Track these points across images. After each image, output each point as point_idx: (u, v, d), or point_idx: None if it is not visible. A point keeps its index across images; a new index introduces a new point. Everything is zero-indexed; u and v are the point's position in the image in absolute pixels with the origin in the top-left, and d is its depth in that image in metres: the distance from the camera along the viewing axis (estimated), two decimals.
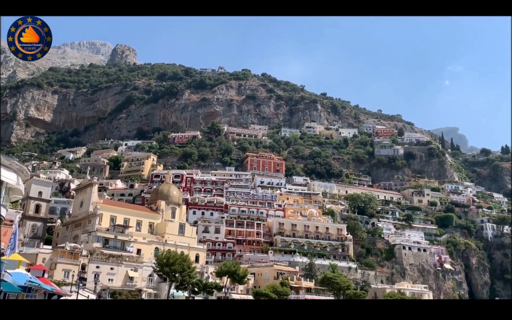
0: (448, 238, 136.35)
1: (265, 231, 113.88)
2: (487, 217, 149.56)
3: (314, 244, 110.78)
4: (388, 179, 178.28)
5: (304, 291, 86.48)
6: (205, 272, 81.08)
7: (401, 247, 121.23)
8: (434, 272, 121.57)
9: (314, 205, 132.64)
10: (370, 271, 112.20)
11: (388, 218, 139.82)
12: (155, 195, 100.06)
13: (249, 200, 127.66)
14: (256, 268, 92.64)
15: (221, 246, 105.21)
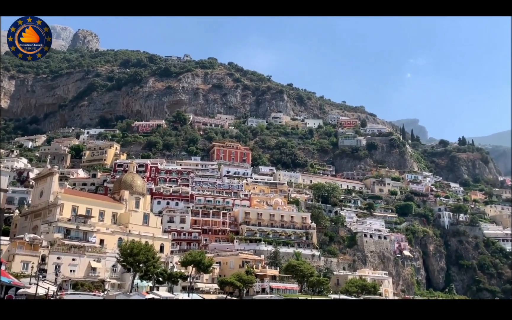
0: (408, 226, 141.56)
1: (231, 221, 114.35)
2: (444, 205, 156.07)
3: (279, 233, 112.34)
4: (351, 168, 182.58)
5: (269, 278, 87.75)
6: (170, 262, 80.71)
7: (363, 235, 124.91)
8: (394, 259, 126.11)
9: (279, 194, 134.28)
10: (333, 258, 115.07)
11: (350, 207, 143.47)
12: (118, 184, 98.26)
13: (215, 190, 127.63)
14: (221, 257, 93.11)
15: (186, 235, 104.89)
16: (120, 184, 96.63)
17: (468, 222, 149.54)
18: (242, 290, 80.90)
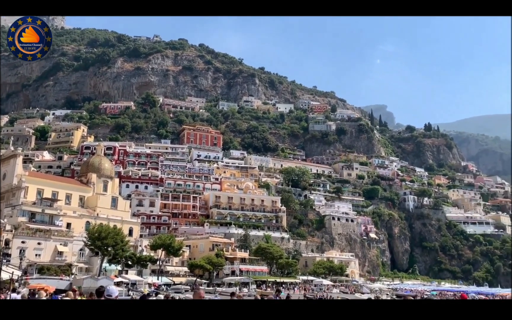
0: (374, 209, 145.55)
1: (201, 204, 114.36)
2: (409, 189, 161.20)
3: (250, 216, 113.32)
4: (321, 153, 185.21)
5: (239, 261, 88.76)
6: (139, 246, 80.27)
7: (331, 218, 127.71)
8: (360, 241, 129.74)
9: (250, 178, 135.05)
10: (301, 240, 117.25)
11: (319, 191, 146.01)
12: (85, 167, 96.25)
13: (186, 174, 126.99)
14: (191, 241, 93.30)
15: (156, 219, 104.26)
16: (88, 167, 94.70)
17: (432, 205, 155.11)
18: (212, 273, 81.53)
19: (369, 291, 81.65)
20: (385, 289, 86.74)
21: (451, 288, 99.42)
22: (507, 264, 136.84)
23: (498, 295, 79.97)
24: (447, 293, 78.06)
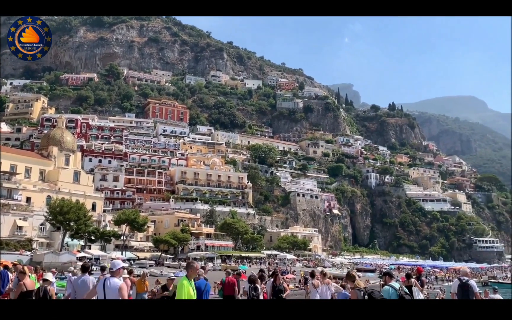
0: (338, 186, 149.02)
1: (167, 180, 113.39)
2: (372, 167, 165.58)
3: (216, 192, 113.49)
4: (288, 130, 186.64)
5: (204, 236, 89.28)
6: (103, 221, 79.19)
7: (296, 194, 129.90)
8: (324, 217, 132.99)
9: (217, 154, 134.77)
10: (267, 216, 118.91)
11: (285, 168, 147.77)
12: (46, 140, 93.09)
13: (151, 149, 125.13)
14: (156, 216, 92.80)
15: (120, 194, 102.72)
16: (48, 140, 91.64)
17: (393, 183, 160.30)
18: (177, 248, 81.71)
19: (331, 265, 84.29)
20: (346, 263, 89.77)
21: (409, 262, 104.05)
22: (461, 240, 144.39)
23: (452, 269, 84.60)
24: (405, 266, 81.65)
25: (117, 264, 7.06)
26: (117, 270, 6.99)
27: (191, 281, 6.61)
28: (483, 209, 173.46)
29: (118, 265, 7.00)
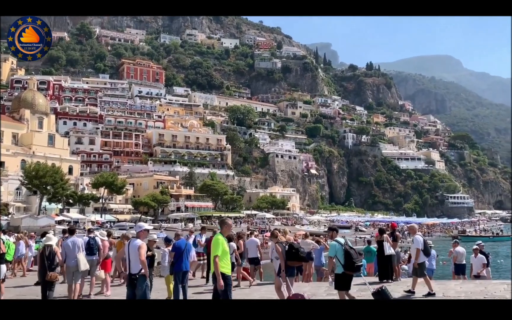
0: (315, 147, 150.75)
1: (144, 142, 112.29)
2: (349, 127, 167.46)
3: (195, 154, 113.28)
4: (266, 91, 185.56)
5: (184, 198, 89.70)
6: (80, 184, 78.49)
7: (275, 155, 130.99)
8: (302, 177, 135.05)
9: (195, 116, 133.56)
10: (246, 177, 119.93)
11: (264, 129, 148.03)
12: (17, 102, 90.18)
13: (127, 111, 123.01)
14: (135, 179, 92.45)
15: (97, 157, 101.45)
16: (20, 102, 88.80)
17: (369, 142, 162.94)
18: (157, 210, 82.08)
19: (308, 223, 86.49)
20: (322, 221, 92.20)
21: (383, 218, 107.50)
22: (434, 196, 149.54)
23: (424, 224, 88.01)
24: (380, 223, 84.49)
25: (140, 226, 7.49)
26: (140, 232, 7.41)
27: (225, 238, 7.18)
28: (456, 167, 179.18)
29: (141, 228, 7.43)
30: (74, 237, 11.02)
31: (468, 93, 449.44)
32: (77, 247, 10.63)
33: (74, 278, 10.52)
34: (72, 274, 10.46)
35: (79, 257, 10.54)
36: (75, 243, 10.71)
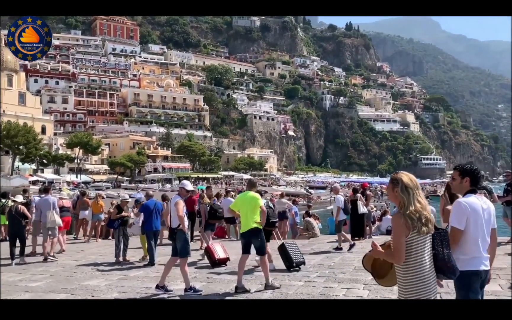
0: (293, 108, 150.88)
1: (119, 102, 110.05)
2: (327, 89, 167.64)
3: (171, 115, 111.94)
4: (244, 51, 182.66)
5: (161, 159, 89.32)
6: (54, 144, 76.96)
7: (253, 117, 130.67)
8: (279, 138, 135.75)
9: (171, 75, 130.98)
10: (224, 138, 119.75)
11: (242, 90, 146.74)
12: None
13: (100, 69, 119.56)
14: (110, 139, 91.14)
15: (70, 117, 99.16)
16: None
17: (347, 104, 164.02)
18: (133, 171, 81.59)
19: (285, 183, 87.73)
20: (299, 182, 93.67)
21: (358, 179, 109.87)
22: (408, 158, 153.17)
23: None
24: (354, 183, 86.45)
25: (183, 184, 7.85)
26: (180, 189, 7.74)
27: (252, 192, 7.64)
28: (430, 129, 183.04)
29: (183, 185, 7.77)
30: (48, 195, 11.61)
31: (445, 55, 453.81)
32: (49, 205, 11.19)
33: (51, 233, 11.22)
34: (47, 229, 11.16)
35: (48, 214, 11.09)
36: (47, 201, 11.30)
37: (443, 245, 3.25)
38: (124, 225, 10.99)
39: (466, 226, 3.48)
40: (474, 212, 3.48)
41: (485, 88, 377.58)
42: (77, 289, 7.80)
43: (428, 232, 3.22)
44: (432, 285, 3.24)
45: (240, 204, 7.62)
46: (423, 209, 3.21)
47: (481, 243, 3.53)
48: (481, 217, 3.52)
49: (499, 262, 8.60)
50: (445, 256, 3.24)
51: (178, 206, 7.36)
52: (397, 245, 3.16)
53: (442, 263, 3.25)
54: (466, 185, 3.65)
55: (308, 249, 11.64)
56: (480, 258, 3.55)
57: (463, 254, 3.46)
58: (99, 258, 11.30)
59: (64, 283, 8.31)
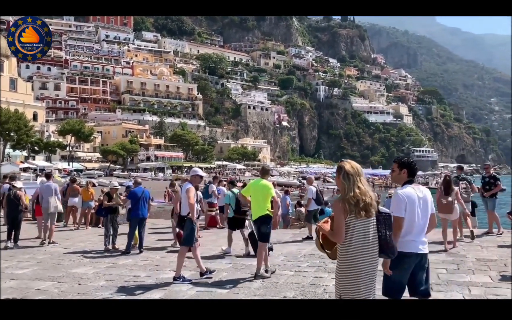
0: (288, 99, 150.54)
1: (112, 89, 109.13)
2: (322, 80, 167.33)
3: (165, 103, 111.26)
4: (239, 40, 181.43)
5: (154, 147, 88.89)
6: (46, 131, 76.28)
7: (247, 107, 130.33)
8: (273, 129, 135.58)
9: (165, 63, 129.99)
10: (217, 128, 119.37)
11: (236, 79, 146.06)
12: None
13: (93, 56, 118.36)
14: (103, 127, 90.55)
15: (63, 104, 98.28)
16: None
17: (341, 95, 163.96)
18: (126, 159, 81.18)
19: (278, 174, 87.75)
20: (292, 172, 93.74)
21: None
22: (400, 150, 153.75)
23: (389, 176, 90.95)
24: None
25: (194, 171, 7.76)
26: (192, 177, 7.60)
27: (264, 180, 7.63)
28: (423, 121, 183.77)
29: (194, 173, 7.66)
30: (50, 182, 12.00)
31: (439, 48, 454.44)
32: (51, 191, 11.52)
33: (50, 219, 11.46)
34: (48, 215, 11.41)
35: (50, 200, 11.38)
36: (50, 187, 11.64)
37: (385, 227, 3.56)
38: (114, 213, 10.87)
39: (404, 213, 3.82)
40: (410, 201, 3.82)
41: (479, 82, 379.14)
42: (63, 276, 7.72)
43: (368, 216, 3.51)
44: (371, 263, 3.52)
45: (253, 191, 7.58)
46: (362, 194, 3.51)
47: (417, 228, 3.85)
48: (417, 205, 3.85)
49: (489, 253, 8.65)
50: (387, 237, 3.55)
51: (189, 193, 7.24)
52: (337, 226, 3.51)
53: (383, 243, 3.55)
54: (404, 176, 3.99)
55: (299, 239, 11.61)
56: (415, 242, 3.85)
57: (400, 237, 3.77)
58: (88, 246, 11.20)
59: (51, 270, 8.22)
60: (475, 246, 9.44)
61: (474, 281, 6.57)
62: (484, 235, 10.71)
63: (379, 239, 3.57)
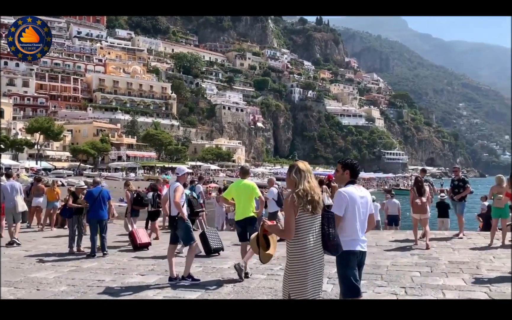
0: (263, 100, 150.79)
1: (83, 87, 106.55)
2: (296, 82, 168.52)
3: (137, 102, 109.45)
4: (215, 40, 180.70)
5: (126, 147, 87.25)
6: (13, 128, 73.79)
7: (222, 107, 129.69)
8: (248, 130, 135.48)
9: (138, 62, 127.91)
10: (192, 128, 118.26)
11: (212, 79, 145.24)
12: None
13: (64, 52, 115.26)
14: (73, 125, 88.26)
15: (31, 101, 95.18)
16: None
17: (315, 98, 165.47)
18: (97, 158, 79.35)
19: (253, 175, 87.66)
20: (266, 173, 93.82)
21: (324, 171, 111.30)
22: (372, 152, 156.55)
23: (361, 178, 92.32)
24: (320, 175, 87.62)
25: (181, 169, 7.68)
26: (181, 175, 7.54)
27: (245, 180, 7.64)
28: (394, 124, 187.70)
29: (182, 171, 7.60)
30: (12, 181, 11.61)
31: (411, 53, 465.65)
32: (15, 190, 11.12)
33: (15, 219, 11.09)
34: (11, 215, 10.99)
35: (17, 199, 10.99)
36: (13, 186, 11.21)
37: (329, 224, 3.64)
38: (79, 214, 10.40)
39: (345, 212, 3.94)
40: (352, 200, 3.97)
41: (448, 87, 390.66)
42: (21, 281, 7.28)
43: (313, 212, 3.60)
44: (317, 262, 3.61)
45: (235, 192, 7.46)
46: (311, 189, 3.61)
47: (358, 227, 3.99)
48: (358, 204, 4.00)
49: (461, 255, 8.67)
50: (330, 235, 3.62)
51: (176, 193, 7.11)
52: (287, 222, 3.58)
53: (326, 240, 3.63)
54: (347, 177, 4.16)
55: None
56: (357, 240, 3.99)
57: (343, 236, 3.85)
58: (52, 248, 10.71)
59: (8, 275, 7.75)
60: (447, 248, 9.48)
61: (447, 284, 6.51)
62: (454, 237, 10.78)
63: (322, 236, 3.64)
